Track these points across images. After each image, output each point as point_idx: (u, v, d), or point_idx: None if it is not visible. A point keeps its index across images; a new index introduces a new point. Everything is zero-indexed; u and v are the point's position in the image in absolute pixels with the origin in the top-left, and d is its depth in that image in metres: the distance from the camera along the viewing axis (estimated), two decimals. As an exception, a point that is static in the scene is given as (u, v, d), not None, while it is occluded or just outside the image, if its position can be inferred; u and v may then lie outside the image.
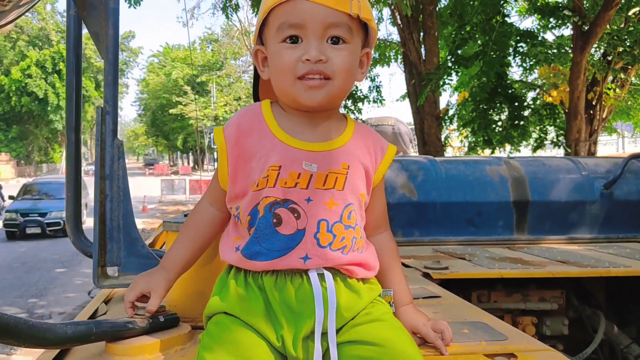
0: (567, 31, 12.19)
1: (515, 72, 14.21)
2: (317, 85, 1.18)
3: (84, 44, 2.17)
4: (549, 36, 12.57)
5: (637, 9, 10.17)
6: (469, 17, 9.86)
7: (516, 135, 10.90)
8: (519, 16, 13.78)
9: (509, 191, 3.26)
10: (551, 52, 10.94)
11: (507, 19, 10.38)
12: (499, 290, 2.58)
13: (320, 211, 1.21)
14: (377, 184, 1.34)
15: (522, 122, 10.91)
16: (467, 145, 12.40)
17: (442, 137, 11.36)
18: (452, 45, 10.20)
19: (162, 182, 27.45)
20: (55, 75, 43.45)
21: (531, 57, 10.83)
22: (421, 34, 10.30)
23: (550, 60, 11.05)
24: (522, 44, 10.61)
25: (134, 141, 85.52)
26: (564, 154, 10.97)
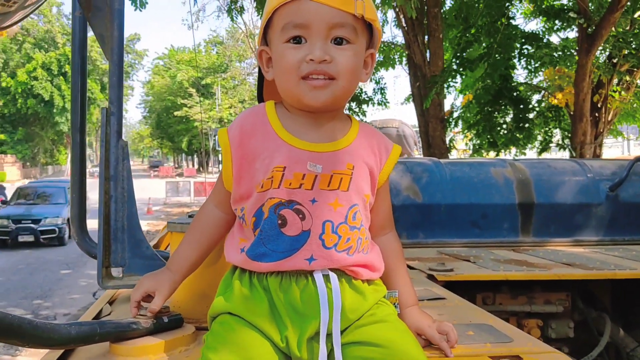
0: (572, 34, 12.18)
1: (520, 74, 14.21)
2: (322, 85, 1.18)
3: (89, 46, 2.17)
4: (554, 39, 12.55)
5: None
6: (474, 20, 9.84)
7: (521, 137, 10.88)
8: (523, 18, 13.76)
9: (514, 193, 3.25)
10: (556, 55, 10.92)
11: (512, 22, 10.37)
12: (504, 292, 2.57)
13: (325, 212, 1.20)
14: (382, 184, 1.33)
15: (527, 125, 10.89)
16: (472, 147, 12.38)
17: (447, 140, 11.34)
18: (457, 47, 10.20)
19: (167, 184, 27.53)
20: (61, 77, 43.61)
21: (536, 60, 10.82)
22: (426, 36, 10.30)
23: (555, 62, 11.04)
24: (527, 47, 10.60)
25: (139, 143, 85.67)
26: (569, 157, 10.94)
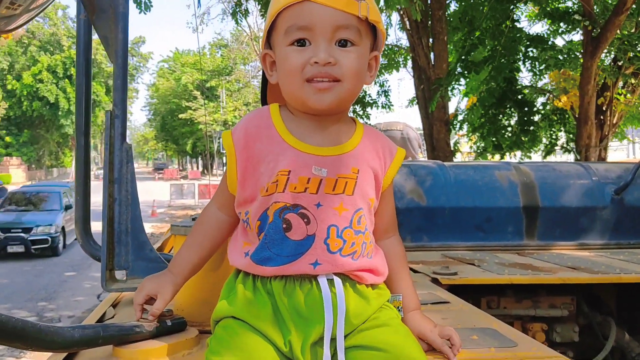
0: (577, 36, 12.16)
1: (525, 77, 14.19)
2: (326, 87, 1.17)
3: (94, 49, 2.18)
4: (559, 41, 12.52)
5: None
6: (479, 23, 9.83)
7: (526, 140, 10.85)
8: (528, 21, 13.74)
9: (519, 196, 3.24)
10: (561, 57, 10.90)
11: (516, 24, 10.35)
12: (509, 296, 2.56)
13: (330, 216, 1.20)
14: (386, 188, 1.32)
15: (532, 128, 10.85)
16: (476, 150, 12.35)
17: (452, 143, 11.32)
18: (461, 50, 10.19)
19: (172, 187, 27.53)
20: (66, 80, 43.77)
21: (541, 62, 10.79)
22: (430, 39, 10.29)
23: (560, 65, 11.01)
24: (532, 49, 10.57)
25: (143, 146, 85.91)
26: (574, 160, 10.92)
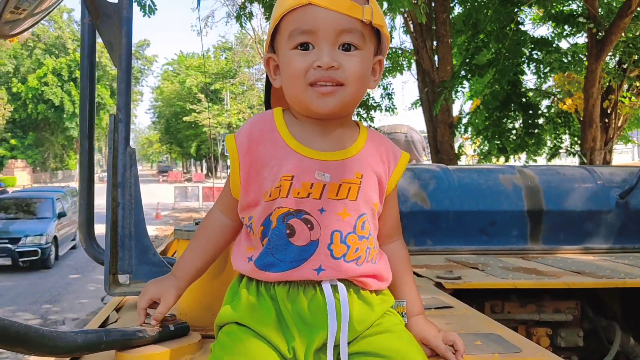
0: (581, 39, 12.14)
1: (529, 79, 14.15)
2: (329, 92, 1.16)
3: (99, 52, 2.19)
4: (564, 44, 12.50)
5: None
6: (483, 26, 9.82)
7: (531, 143, 10.82)
8: (532, 24, 13.73)
9: (523, 200, 3.23)
10: (566, 60, 10.88)
11: (520, 27, 10.34)
12: (513, 300, 2.55)
13: (333, 222, 1.19)
14: (390, 192, 1.31)
15: (536, 130, 10.83)
16: (480, 153, 12.33)
17: (456, 146, 11.31)
18: (465, 53, 10.18)
19: (176, 189, 27.61)
20: (71, 83, 43.99)
21: (546, 65, 10.78)
22: (434, 42, 10.29)
23: (564, 67, 10.99)
24: (536, 52, 10.56)
25: (148, 148, 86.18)
26: (579, 163, 10.89)
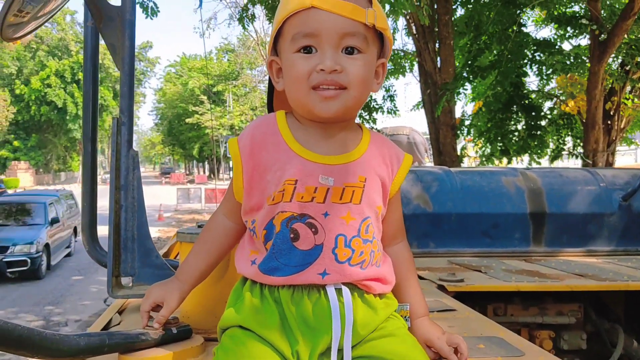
0: (584, 41, 12.12)
1: (532, 81, 14.15)
2: (332, 95, 1.16)
3: (102, 54, 2.20)
4: (566, 46, 12.49)
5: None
6: (485, 27, 9.82)
7: (533, 145, 10.81)
8: (535, 26, 13.71)
9: (526, 202, 3.23)
10: (568, 62, 10.87)
11: (523, 29, 10.34)
12: (516, 303, 2.54)
13: (337, 226, 1.18)
14: (394, 194, 1.31)
15: (539, 132, 10.82)
16: (482, 155, 12.32)
17: (459, 148, 11.30)
18: (467, 55, 10.18)
19: (178, 191, 27.62)
20: (74, 84, 44.10)
21: (548, 67, 10.77)
22: (437, 44, 10.29)
23: (567, 69, 10.98)
24: (539, 54, 10.55)
25: (150, 150, 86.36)
26: (581, 165, 10.87)
